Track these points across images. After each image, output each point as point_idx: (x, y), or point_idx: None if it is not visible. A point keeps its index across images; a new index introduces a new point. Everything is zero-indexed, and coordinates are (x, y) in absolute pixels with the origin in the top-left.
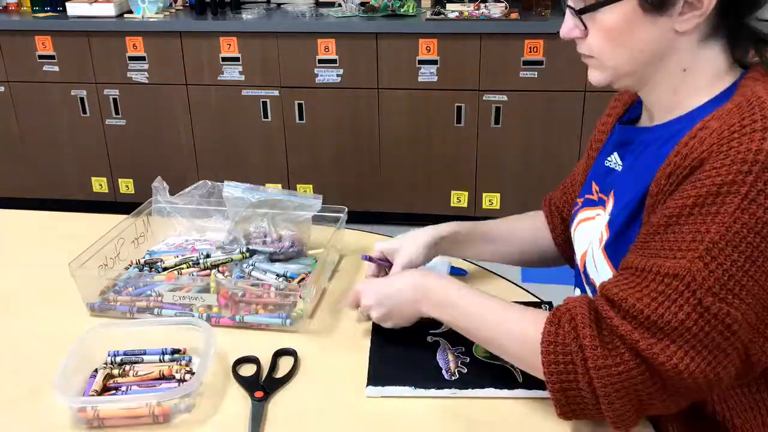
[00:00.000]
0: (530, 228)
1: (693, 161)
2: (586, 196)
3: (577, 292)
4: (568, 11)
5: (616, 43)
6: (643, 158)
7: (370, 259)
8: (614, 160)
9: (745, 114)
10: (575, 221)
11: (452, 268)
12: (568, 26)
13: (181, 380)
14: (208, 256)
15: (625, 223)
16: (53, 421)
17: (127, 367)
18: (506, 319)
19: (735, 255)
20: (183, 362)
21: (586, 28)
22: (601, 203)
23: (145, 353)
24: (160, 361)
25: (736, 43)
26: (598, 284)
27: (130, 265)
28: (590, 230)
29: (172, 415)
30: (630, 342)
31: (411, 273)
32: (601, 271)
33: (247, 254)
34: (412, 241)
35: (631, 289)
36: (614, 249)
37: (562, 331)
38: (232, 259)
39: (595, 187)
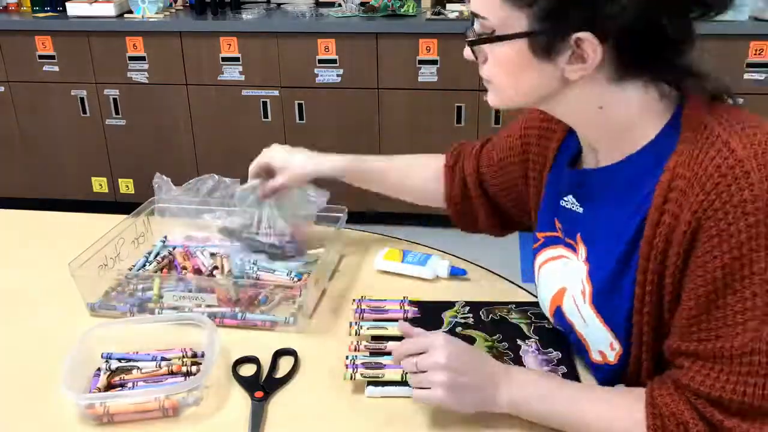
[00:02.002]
0: (427, 175)
1: (689, 226)
2: (548, 233)
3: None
4: (468, 34)
5: (508, 76)
6: (606, 203)
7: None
8: (571, 201)
9: (715, 159)
10: (539, 258)
11: (452, 268)
12: (468, 50)
13: (188, 374)
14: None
15: (610, 278)
16: (58, 419)
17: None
18: (606, 419)
19: None
20: (190, 356)
21: (476, 57)
22: (568, 246)
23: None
24: (158, 367)
25: (659, 77)
26: (581, 332)
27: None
28: (564, 274)
29: (181, 408)
30: None
31: (487, 354)
32: (590, 324)
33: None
34: (287, 154)
35: (718, 382)
36: (603, 303)
37: None
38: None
39: (558, 224)
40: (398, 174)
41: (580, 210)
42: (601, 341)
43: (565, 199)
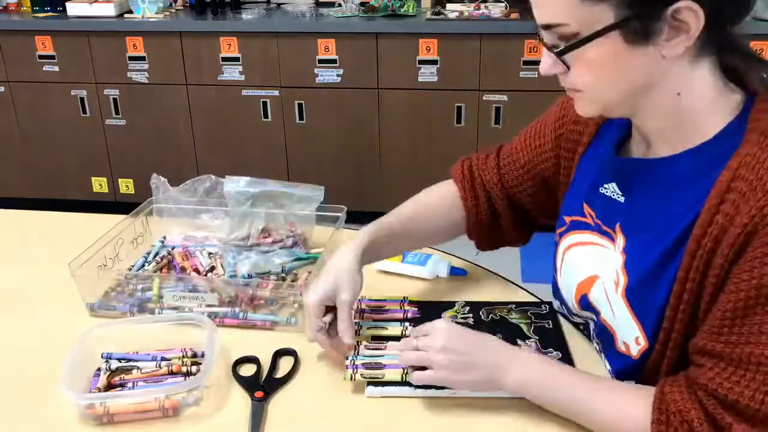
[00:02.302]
0: (444, 213)
1: (744, 228)
2: (575, 217)
3: (556, 303)
4: (545, 49)
5: (602, 77)
6: (653, 195)
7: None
8: (613, 190)
9: None
10: (564, 242)
11: (452, 268)
12: (548, 63)
13: (188, 374)
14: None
15: (650, 273)
16: (58, 419)
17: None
18: (611, 409)
19: None
20: (190, 356)
21: (569, 68)
22: (604, 234)
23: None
24: (158, 367)
25: (726, 58)
26: (607, 320)
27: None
28: (597, 262)
29: (181, 408)
30: None
31: (493, 337)
32: (619, 316)
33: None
34: (347, 274)
35: (738, 386)
36: (637, 296)
37: None
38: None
39: (588, 210)
40: (419, 228)
41: (622, 199)
42: (627, 334)
43: (606, 186)
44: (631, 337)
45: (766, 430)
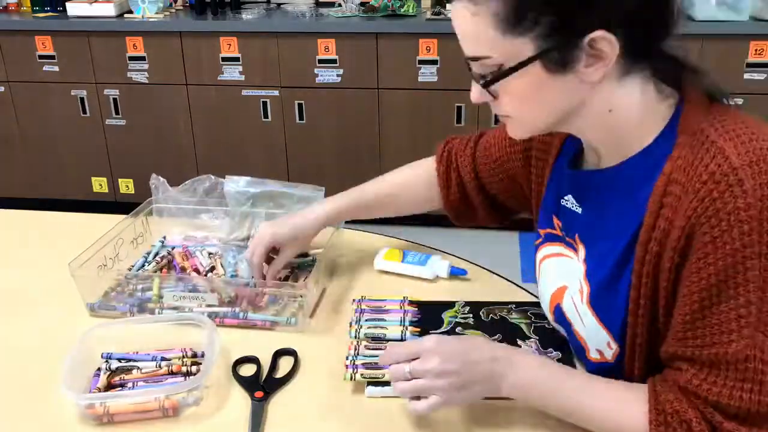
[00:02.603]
0: (419, 188)
1: (683, 231)
2: (548, 230)
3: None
4: (473, 78)
5: (527, 104)
6: (605, 205)
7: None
8: (571, 201)
9: (710, 166)
10: (540, 254)
11: (453, 268)
12: (476, 93)
13: (188, 374)
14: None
15: (608, 280)
16: (58, 419)
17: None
18: (608, 412)
19: None
20: (190, 356)
21: (494, 97)
22: (568, 245)
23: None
24: (158, 367)
25: (659, 67)
26: (579, 332)
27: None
28: (563, 271)
29: (181, 408)
30: None
31: (485, 341)
32: (587, 324)
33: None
34: (302, 233)
35: (715, 386)
36: (600, 303)
37: None
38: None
39: (557, 222)
40: (395, 198)
41: (579, 210)
42: (599, 341)
43: (566, 198)
44: (603, 343)
45: (756, 426)
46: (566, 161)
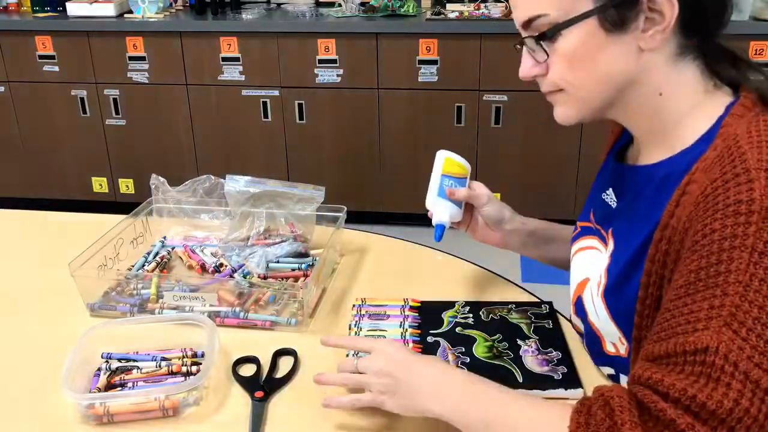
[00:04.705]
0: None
1: (684, 224)
2: (585, 223)
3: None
4: (524, 51)
5: (581, 69)
6: (636, 203)
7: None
8: (611, 196)
9: (725, 166)
10: (574, 247)
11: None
12: (527, 65)
13: (188, 374)
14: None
15: (622, 275)
16: (58, 419)
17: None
18: (529, 419)
19: (763, 315)
20: (190, 356)
21: (548, 55)
22: (601, 238)
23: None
24: (158, 367)
25: (711, 62)
26: (594, 323)
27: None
28: (589, 263)
29: (181, 408)
30: (682, 428)
31: (431, 359)
32: (601, 316)
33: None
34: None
35: (669, 373)
36: (612, 298)
37: (594, 420)
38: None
39: (592, 216)
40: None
41: (614, 205)
42: (611, 335)
43: (607, 192)
44: (615, 338)
45: (700, 421)
46: (615, 152)
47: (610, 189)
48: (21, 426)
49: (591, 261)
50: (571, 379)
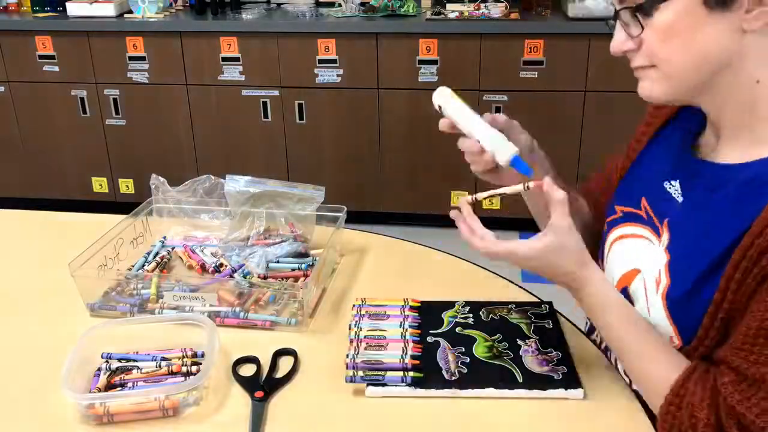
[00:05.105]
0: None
1: None
2: (630, 208)
3: None
4: (617, 24)
5: (676, 46)
6: (713, 202)
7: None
8: (676, 188)
9: None
10: (613, 233)
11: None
12: (620, 39)
13: (187, 374)
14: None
15: (697, 279)
16: (58, 419)
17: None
18: (641, 360)
19: None
20: (190, 356)
21: (643, 29)
22: (653, 227)
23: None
24: (158, 367)
25: None
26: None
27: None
28: (639, 254)
29: (181, 408)
30: None
31: (577, 253)
32: (654, 316)
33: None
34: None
35: (748, 401)
36: (678, 300)
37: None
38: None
39: (645, 203)
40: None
41: (680, 199)
42: (662, 331)
43: (672, 183)
44: (666, 334)
45: None
46: (685, 142)
47: (677, 181)
48: (21, 426)
49: (641, 252)
50: (571, 379)
